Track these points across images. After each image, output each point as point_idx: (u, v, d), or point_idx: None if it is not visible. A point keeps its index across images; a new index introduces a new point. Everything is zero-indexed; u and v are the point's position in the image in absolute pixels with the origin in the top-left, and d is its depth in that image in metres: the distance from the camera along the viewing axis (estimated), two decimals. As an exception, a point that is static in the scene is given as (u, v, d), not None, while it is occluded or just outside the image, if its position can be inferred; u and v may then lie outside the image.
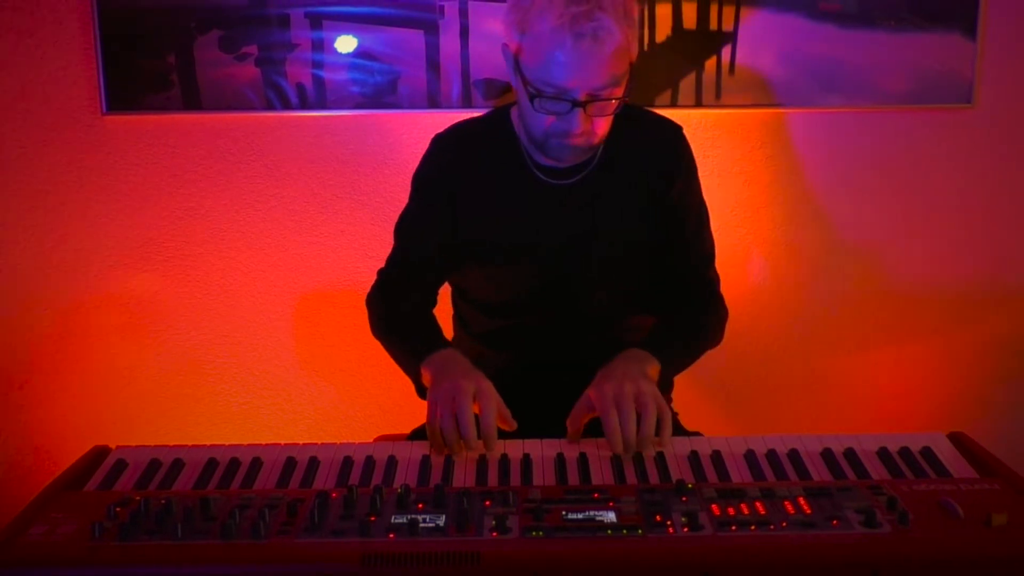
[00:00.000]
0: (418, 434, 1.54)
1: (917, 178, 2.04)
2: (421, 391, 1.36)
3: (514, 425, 1.26)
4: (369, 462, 1.23)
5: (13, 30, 1.93)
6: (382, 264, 1.57)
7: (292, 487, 1.18)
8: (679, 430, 1.52)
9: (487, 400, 1.24)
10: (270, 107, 1.94)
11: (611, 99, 1.31)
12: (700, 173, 1.52)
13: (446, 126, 1.53)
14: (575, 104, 1.30)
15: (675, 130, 1.50)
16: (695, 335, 1.45)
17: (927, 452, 1.24)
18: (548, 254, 1.45)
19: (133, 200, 2.02)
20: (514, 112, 1.47)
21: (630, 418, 1.19)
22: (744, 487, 1.11)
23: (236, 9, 1.90)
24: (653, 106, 1.87)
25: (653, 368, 1.31)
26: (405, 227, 1.54)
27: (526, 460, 1.22)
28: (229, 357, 2.09)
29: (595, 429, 1.27)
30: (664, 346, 1.36)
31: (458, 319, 1.60)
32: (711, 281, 1.51)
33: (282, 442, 1.29)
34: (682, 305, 1.48)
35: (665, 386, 1.47)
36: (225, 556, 0.99)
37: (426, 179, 1.51)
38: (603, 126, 1.36)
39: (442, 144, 1.51)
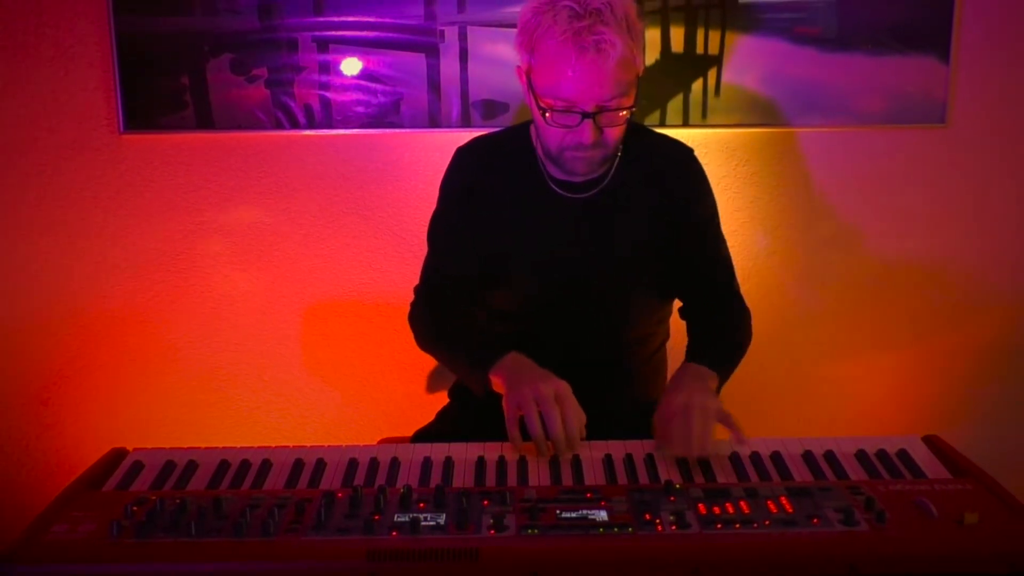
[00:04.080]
0: (420, 437, 1.58)
1: (893, 194, 2.07)
2: (485, 392, 1.38)
3: (584, 435, 1.28)
4: (373, 463, 1.25)
5: (35, 53, 1.96)
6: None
7: (300, 487, 1.20)
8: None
9: (569, 408, 1.27)
10: (279, 126, 1.98)
11: (619, 109, 1.34)
12: None
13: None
14: (584, 115, 1.33)
15: (687, 152, 1.53)
16: (740, 346, 1.48)
17: (903, 454, 1.27)
18: (560, 265, 1.47)
19: (149, 215, 2.05)
20: (533, 128, 1.49)
21: (691, 426, 1.23)
22: (729, 487, 1.14)
23: (247, 33, 1.94)
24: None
25: (713, 382, 1.35)
26: (441, 236, 1.55)
27: (522, 461, 1.25)
28: (240, 364, 2.12)
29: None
30: (719, 361, 1.39)
31: None
32: (738, 294, 1.53)
33: (290, 445, 1.32)
34: (718, 318, 1.49)
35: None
36: (236, 553, 1.02)
37: (452, 189, 1.54)
38: (614, 136, 1.39)
39: (464, 156, 1.54)
